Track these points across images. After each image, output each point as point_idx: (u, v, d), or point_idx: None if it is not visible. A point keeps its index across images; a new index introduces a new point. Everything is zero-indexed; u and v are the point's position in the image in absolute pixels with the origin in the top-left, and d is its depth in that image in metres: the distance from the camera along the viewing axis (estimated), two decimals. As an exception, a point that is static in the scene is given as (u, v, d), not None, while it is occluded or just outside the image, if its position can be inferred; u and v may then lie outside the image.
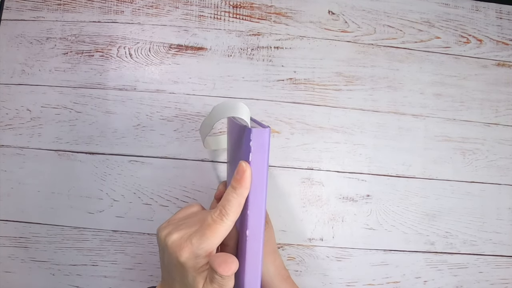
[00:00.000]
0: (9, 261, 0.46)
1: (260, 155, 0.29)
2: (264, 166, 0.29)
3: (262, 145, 0.28)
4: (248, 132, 0.29)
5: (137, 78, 0.50)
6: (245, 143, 0.30)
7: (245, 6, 0.52)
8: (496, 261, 0.50)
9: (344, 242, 0.49)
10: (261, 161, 0.29)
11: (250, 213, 0.29)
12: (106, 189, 0.48)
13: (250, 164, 0.29)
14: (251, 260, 0.29)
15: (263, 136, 0.28)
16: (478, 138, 0.52)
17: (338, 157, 0.50)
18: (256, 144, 0.28)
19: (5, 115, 0.49)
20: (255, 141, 0.28)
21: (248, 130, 0.29)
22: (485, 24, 0.54)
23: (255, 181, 0.29)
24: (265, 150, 0.29)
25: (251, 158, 0.28)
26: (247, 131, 0.29)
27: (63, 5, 0.51)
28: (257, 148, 0.28)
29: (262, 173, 0.29)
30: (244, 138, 0.30)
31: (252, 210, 0.29)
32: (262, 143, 0.28)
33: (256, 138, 0.28)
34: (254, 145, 0.28)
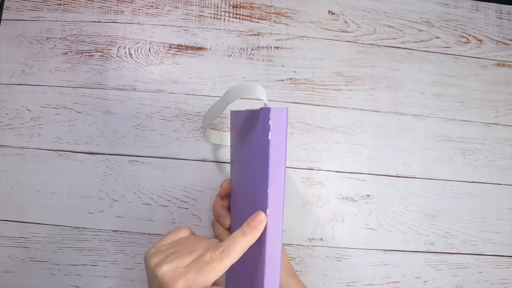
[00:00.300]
0: (9, 261, 0.46)
1: (279, 133, 0.29)
2: (283, 144, 0.29)
3: (280, 123, 0.29)
4: (266, 112, 0.29)
5: (137, 78, 0.50)
6: (263, 124, 0.30)
7: (245, 6, 0.52)
8: (496, 261, 0.50)
9: (344, 242, 0.49)
10: (280, 139, 0.29)
11: (270, 191, 0.29)
12: (106, 189, 0.48)
13: (269, 143, 0.29)
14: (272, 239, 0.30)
15: (282, 115, 0.29)
16: (478, 138, 0.52)
17: (338, 157, 0.50)
18: (275, 123, 0.29)
19: (5, 115, 0.49)
20: (274, 120, 0.29)
21: (266, 109, 0.29)
22: (485, 24, 0.54)
23: (274, 160, 0.29)
24: (284, 128, 0.29)
25: (271, 136, 0.29)
26: (265, 111, 0.29)
27: (63, 5, 0.51)
28: (276, 126, 0.29)
29: (281, 151, 0.29)
30: (261, 120, 0.30)
31: (272, 188, 0.29)
32: (280, 122, 0.29)
33: (275, 116, 0.29)
34: (273, 124, 0.29)
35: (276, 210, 0.30)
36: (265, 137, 0.29)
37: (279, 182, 0.29)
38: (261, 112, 0.30)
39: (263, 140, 0.30)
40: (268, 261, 0.30)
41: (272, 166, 0.29)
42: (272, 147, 0.29)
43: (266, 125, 0.29)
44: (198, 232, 0.47)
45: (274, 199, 0.29)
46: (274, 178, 0.29)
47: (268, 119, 0.29)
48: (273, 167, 0.29)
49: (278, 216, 0.30)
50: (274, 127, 0.29)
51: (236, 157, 0.43)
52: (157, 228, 0.47)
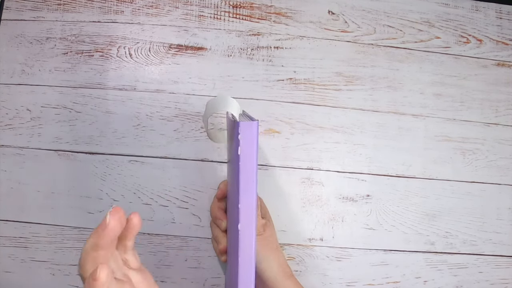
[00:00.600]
0: (9, 261, 0.46)
1: (248, 148, 0.28)
2: (253, 159, 0.29)
3: (250, 138, 0.28)
4: (236, 126, 0.29)
5: (137, 78, 0.50)
6: (235, 138, 0.29)
7: (245, 6, 0.52)
8: (496, 261, 0.50)
9: (344, 242, 0.49)
10: (249, 154, 0.29)
11: (241, 206, 0.29)
12: (106, 189, 0.48)
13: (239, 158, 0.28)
14: (244, 254, 0.30)
15: (251, 129, 0.28)
16: (478, 138, 0.52)
17: (338, 157, 0.50)
18: (245, 137, 0.28)
19: (5, 115, 0.49)
20: (243, 134, 0.28)
21: (236, 123, 0.29)
22: (485, 24, 0.54)
23: (245, 175, 0.29)
24: (254, 143, 0.28)
25: (240, 152, 0.28)
26: (236, 125, 0.29)
27: (63, 5, 0.51)
28: (246, 141, 0.28)
29: (251, 166, 0.29)
30: (234, 133, 0.30)
31: (243, 203, 0.29)
32: (250, 136, 0.28)
33: (244, 131, 0.28)
34: (242, 138, 0.28)
35: (248, 225, 0.29)
36: (236, 152, 0.29)
37: (250, 198, 0.29)
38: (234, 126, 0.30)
39: (235, 154, 0.29)
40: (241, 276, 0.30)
41: (242, 182, 0.29)
42: (242, 163, 0.29)
43: (236, 140, 0.29)
44: (198, 232, 0.47)
45: (245, 214, 0.29)
46: (245, 194, 0.29)
47: (238, 134, 0.28)
48: (243, 183, 0.29)
49: (250, 232, 0.29)
50: (244, 143, 0.28)
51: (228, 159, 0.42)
52: (157, 228, 0.47)
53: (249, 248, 0.29)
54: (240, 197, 0.29)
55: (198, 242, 0.47)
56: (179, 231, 0.47)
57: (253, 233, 0.29)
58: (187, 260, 0.47)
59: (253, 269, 0.30)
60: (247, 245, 0.29)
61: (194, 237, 0.47)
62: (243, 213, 0.29)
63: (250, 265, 0.30)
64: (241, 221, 0.29)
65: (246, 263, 0.30)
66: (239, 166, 0.29)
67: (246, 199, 0.29)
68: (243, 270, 0.29)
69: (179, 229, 0.47)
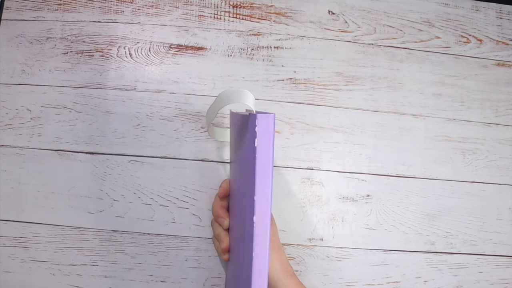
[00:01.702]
0: (9, 261, 0.46)
1: (265, 140, 0.29)
2: (269, 151, 0.29)
3: (267, 130, 0.29)
4: (253, 118, 0.29)
5: (137, 78, 0.50)
6: (250, 130, 0.30)
7: (245, 6, 0.52)
8: (496, 261, 0.50)
9: (344, 242, 0.49)
10: (266, 146, 0.29)
11: (256, 198, 0.29)
12: (106, 189, 0.48)
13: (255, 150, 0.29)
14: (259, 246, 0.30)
15: (268, 121, 0.29)
16: (478, 138, 0.52)
17: (338, 157, 0.50)
18: (262, 129, 0.29)
19: (5, 115, 0.49)
20: (260, 126, 0.29)
21: (253, 116, 0.29)
22: (485, 24, 0.54)
23: (261, 167, 0.29)
24: (270, 135, 0.29)
25: (257, 144, 0.29)
26: (252, 117, 0.29)
27: (63, 5, 0.51)
28: (263, 133, 0.29)
29: (268, 158, 0.29)
30: (249, 125, 0.30)
31: (259, 196, 0.29)
32: (267, 128, 0.29)
33: (261, 123, 0.29)
34: (259, 130, 0.29)
35: (263, 218, 0.29)
36: (252, 144, 0.29)
37: (266, 190, 0.29)
38: (249, 118, 0.30)
39: (251, 147, 0.30)
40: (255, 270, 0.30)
41: (259, 174, 0.29)
42: (259, 155, 0.29)
43: (253, 132, 0.29)
44: (198, 232, 0.47)
45: (261, 206, 0.29)
46: (261, 186, 0.29)
47: (254, 126, 0.29)
48: (260, 175, 0.29)
49: (266, 223, 0.30)
50: (261, 134, 0.29)
51: (234, 157, 0.43)
52: (157, 228, 0.47)
53: (264, 241, 0.30)
54: (256, 189, 0.29)
55: (198, 242, 0.47)
56: (179, 231, 0.47)
57: (268, 225, 0.30)
58: (187, 260, 0.47)
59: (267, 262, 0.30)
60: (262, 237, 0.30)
61: (194, 237, 0.47)
62: (258, 205, 0.29)
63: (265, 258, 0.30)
64: (257, 213, 0.29)
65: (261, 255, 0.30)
66: (255, 158, 0.29)
67: (262, 191, 0.29)
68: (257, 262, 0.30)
69: (179, 229, 0.47)
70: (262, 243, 0.30)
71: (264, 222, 0.29)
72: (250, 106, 0.32)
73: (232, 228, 0.41)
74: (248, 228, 0.31)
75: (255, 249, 0.30)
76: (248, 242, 0.30)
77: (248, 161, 0.31)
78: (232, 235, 0.41)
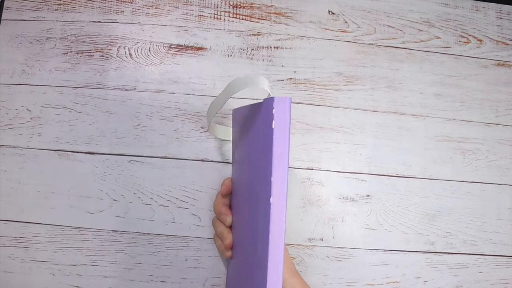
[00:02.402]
0: (9, 261, 0.46)
1: (282, 122, 0.30)
2: (286, 133, 0.30)
3: (284, 112, 0.30)
4: (270, 101, 0.30)
5: (137, 78, 0.50)
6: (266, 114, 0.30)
7: (245, 6, 0.52)
8: (496, 261, 0.50)
9: (344, 242, 0.49)
10: (283, 128, 0.30)
11: (273, 180, 0.30)
12: (106, 189, 0.48)
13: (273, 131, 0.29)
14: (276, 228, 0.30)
15: (285, 104, 0.30)
16: (478, 138, 0.52)
17: (338, 157, 0.50)
18: (279, 112, 0.29)
19: (5, 115, 0.49)
20: (277, 109, 0.29)
21: (270, 99, 0.30)
22: (485, 24, 0.54)
23: (278, 148, 0.30)
24: (287, 117, 0.30)
25: (274, 125, 0.29)
26: (269, 100, 0.30)
27: (63, 5, 0.51)
28: (280, 115, 0.30)
29: (284, 140, 0.30)
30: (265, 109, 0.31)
31: (276, 177, 0.30)
32: (284, 111, 0.30)
33: (278, 105, 0.29)
34: (276, 113, 0.29)
35: (280, 199, 0.30)
36: (269, 126, 0.30)
37: (282, 171, 0.30)
38: (265, 103, 0.31)
39: (267, 129, 0.30)
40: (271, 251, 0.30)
41: (275, 155, 0.30)
42: (276, 136, 0.30)
43: (270, 114, 0.30)
44: (198, 232, 0.47)
45: (277, 188, 0.30)
46: (278, 167, 0.30)
47: (272, 108, 0.30)
48: (276, 156, 0.30)
49: (282, 205, 0.30)
50: (278, 116, 0.30)
51: (238, 155, 0.43)
52: (157, 228, 0.47)
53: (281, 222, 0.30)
54: (273, 170, 0.30)
55: (198, 242, 0.47)
56: (179, 231, 0.47)
57: (284, 206, 0.30)
58: (187, 260, 0.47)
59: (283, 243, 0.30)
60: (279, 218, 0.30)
61: (194, 237, 0.47)
62: (275, 186, 0.30)
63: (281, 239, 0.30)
64: (273, 194, 0.30)
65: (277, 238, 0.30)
66: (272, 140, 0.29)
67: (279, 172, 0.30)
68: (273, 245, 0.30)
69: (179, 229, 0.47)
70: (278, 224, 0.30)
71: (280, 204, 0.30)
72: (266, 89, 0.32)
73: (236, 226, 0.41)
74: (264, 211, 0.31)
75: (272, 231, 0.30)
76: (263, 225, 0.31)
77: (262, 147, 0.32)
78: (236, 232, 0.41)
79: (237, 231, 0.41)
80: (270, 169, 0.30)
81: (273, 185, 0.30)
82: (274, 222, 0.30)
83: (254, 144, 0.35)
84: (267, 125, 0.30)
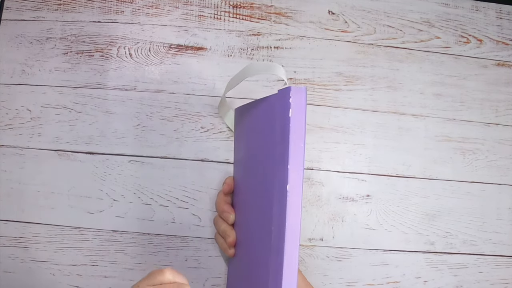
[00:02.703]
0: (9, 261, 0.46)
1: (298, 110, 0.30)
2: (302, 122, 0.30)
3: (300, 101, 0.30)
4: (287, 90, 0.30)
5: (137, 78, 0.50)
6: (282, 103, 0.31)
7: (245, 6, 0.52)
8: (496, 261, 0.50)
9: (344, 242, 0.49)
10: (300, 117, 0.30)
11: (290, 167, 0.30)
12: (106, 189, 0.48)
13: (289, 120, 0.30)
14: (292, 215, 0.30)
15: (301, 93, 0.30)
16: (478, 138, 0.52)
17: (338, 157, 0.50)
18: (295, 101, 0.30)
19: (5, 115, 0.49)
20: (294, 98, 0.30)
21: (286, 89, 0.31)
22: (485, 24, 0.54)
23: (294, 137, 0.30)
24: (303, 106, 0.30)
25: (291, 114, 0.30)
26: (286, 90, 0.31)
27: (63, 5, 0.51)
28: (296, 104, 0.30)
29: (301, 128, 0.30)
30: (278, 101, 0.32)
31: (293, 164, 0.30)
32: (300, 99, 0.30)
33: (295, 95, 0.30)
34: (293, 101, 0.30)
35: (297, 186, 0.30)
36: (285, 115, 0.30)
37: (299, 158, 0.30)
38: (280, 93, 0.32)
39: (283, 119, 0.31)
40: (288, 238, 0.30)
41: (292, 143, 0.30)
42: (293, 124, 0.30)
43: (287, 103, 0.30)
44: (198, 232, 0.47)
45: (294, 175, 0.30)
46: (294, 154, 0.30)
47: (289, 97, 0.30)
48: (293, 144, 0.30)
49: (298, 192, 0.30)
50: (294, 105, 0.30)
51: (242, 153, 0.43)
52: (157, 228, 0.47)
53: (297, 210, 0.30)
54: (290, 158, 0.30)
55: (198, 242, 0.47)
56: (179, 231, 0.47)
57: (300, 195, 0.30)
58: (187, 260, 0.47)
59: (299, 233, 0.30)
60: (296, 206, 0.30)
61: (194, 237, 0.47)
62: (292, 174, 0.30)
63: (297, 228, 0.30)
64: (290, 182, 0.30)
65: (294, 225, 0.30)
66: (289, 128, 0.30)
67: (295, 159, 0.30)
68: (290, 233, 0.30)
69: (179, 229, 0.47)
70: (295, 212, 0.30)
71: (297, 191, 0.30)
72: (283, 78, 0.33)
73: (237, 224, 0.42)
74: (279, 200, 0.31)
75: (288, 218, 0.30)
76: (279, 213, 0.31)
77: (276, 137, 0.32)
78: (238, 230, 0.41)
79: (240, 229, 0.41)
80: (287, 157, 0.30)
81: (289, 172, 0.30)
82: (291, 210, 0.30)
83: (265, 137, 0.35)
84: (283, 115, 0.31)
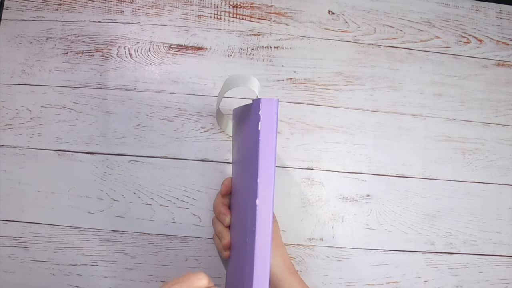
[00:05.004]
0: (9, 261, 0.46)
1: (268, 123, 0.30)
2: (272, 134, 0.30)
3: (270, 114, 0.30)
4: (257, 102, 0.30)
5: (137, 78, 0.50)
6: (254, 115, 0.30)
7: (245, 6, 0.52)
8: (496, 261, 0.50)
9: (344, 242, 0.49)
10: (269, 129, 0.30)
11: (260, 181, 0.30)
12: (106, 189, 0.48)
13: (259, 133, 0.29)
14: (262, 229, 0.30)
15: (272, 105, 0.30)
16: (478, 138, 0.52)
17: (338, 157, 0.50)
18: (265, 113, 0.29)
19: (5, 115, 0.49)
20: (264, 110, 0.29)
21: (257, 100, 0.30)
22: (485, 24, 0.54)
23: (264, 150, 0.29)
24: (274, 118, 0.30)
25: (260, 127, 0.29)
26: (256, 102, 0.30)
27: (63, 5, 0.51)
28: (266, 116, 0.29)
29: (271, 141, 0.30)
30: (253, 110, 0.31)
31: (262, 178, 0.30)
32: (270, 112, 0.29)
33: (265, 106, 0.29)
34: (263, 114, 0.29)
35: (267, 200, 0.30)
36: (256, 127, 0.30)
37: (269, 173, 0.30)
38: (253, 104, 0.31)
39: (254, 131, 0.30)
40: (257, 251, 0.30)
41: (262, 157, 0.29)
42: (262, 137, 0.29)
43: (256, 116, 0.30)
44: (198, 232, 0.47)
45: (264, 189, 0.30)
46: (264, 168, 0.30)
47: (258, 110, 0.29)
48: (263, 158, 0.29)
49: (268, 206, 0.30)
50: (264, 118, 0.29)
51: (236, 154, 0.43)
52: (157, 228, 0.47)
53: (267, 224, 0.30)
54: (259, 171, 0.29)
55: (198, 242, 0.47)
56: (179, 231, 0.47)
57: (270, 208, 0.30)
58: (187, 260, 0.47)
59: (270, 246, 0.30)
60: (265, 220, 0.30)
61: (194, 237, 0.47)
62: (261, 188, 0.30)
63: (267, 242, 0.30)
64: (259, 196, 0.30)
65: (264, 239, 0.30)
66: (258, 141, 0.29)
67: (265, 174, 0.30)
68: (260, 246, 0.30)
69: (179, 229, 0.47)
70: (265, 226, 0.30)
71: (267, 205, 0.30)
72: (254, 91, 0.32)
73: (234, 226, 0.42)
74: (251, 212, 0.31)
75: (258, 232, 0.30)
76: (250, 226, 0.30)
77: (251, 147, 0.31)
78: (233, 232, 0.41)
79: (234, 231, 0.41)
80: (257, 170, 0.29)
81: (259, 186, 0.29)
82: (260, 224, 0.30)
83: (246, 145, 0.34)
84: (255, 127, 0.30)
